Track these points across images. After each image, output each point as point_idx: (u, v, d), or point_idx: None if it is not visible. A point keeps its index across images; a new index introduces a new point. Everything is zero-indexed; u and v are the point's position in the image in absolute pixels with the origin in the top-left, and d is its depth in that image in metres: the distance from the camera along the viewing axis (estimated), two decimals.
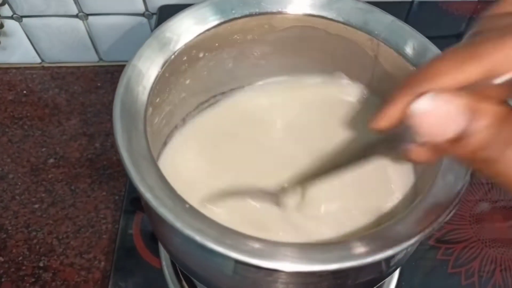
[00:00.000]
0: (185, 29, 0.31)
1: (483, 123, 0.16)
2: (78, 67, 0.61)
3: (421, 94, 0.17)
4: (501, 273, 0.41)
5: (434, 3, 0.57)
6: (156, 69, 0.29)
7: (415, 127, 0.17)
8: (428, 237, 0.42)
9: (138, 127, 0.26)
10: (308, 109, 0.36)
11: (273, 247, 0.23)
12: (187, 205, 0.23)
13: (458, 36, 0.55)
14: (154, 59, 0.29)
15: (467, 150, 0.16)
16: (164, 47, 0.30)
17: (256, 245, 0.23)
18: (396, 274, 0.39)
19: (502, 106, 0.16)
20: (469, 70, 0.16)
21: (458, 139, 0.16)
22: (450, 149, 0.17)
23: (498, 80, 0.16)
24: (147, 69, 0.28)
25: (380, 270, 0.29)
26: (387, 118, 0.18)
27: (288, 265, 0.22)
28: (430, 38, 0.53)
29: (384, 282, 0.39)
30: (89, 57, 0.61)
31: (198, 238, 0.21)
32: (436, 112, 0.16)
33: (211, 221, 0.23)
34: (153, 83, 0.29)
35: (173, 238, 0.26)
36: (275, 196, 0.31)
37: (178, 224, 0.22)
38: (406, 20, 0.58)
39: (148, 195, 0.23)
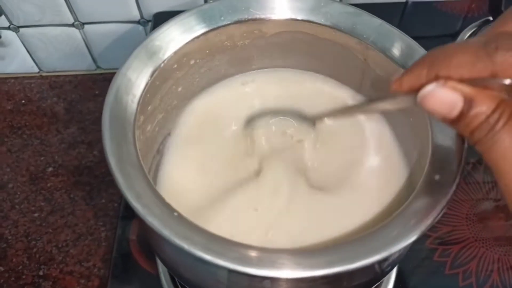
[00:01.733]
0: (174, 37, 0.31)
1: (478, 110, 0.20)
2: (76, 75, 0.62)
3: (434, 77, 0.21)
4: (499, 272, 0.40)
5: (428, 3, 0.57)
6: (145, 78, 0.29)
7: (423, 105, 0.21)
8: (425, 239, 0.42)
9: (127, 136, 0.26)
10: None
11: (262, 253, 0.23)
12: (175, 213, 0.23)
13: (453, 36, 0.55)
14: (143, 68, 0.29)
15: (466, 129, 0.20)
16: (153, 55, 0.30)
17: (245, 252, 0.23)
18: (393, 276, 0.39)
19: (498, 97, 0.20)
20: (481, 69, 0.20)
21: (457, 120, 0.20)
22: (453, 126, 0.21)
23: (506, 82, 0.19)
24: (136, 77, 0.29)
25: (374, 272, 0.29)
26: (402, 84, 0.23)
27: (276, 272, 0.22)
28: (425, 38, 0.53)
29: (381, 285, 0.39)
30: (86, 65, 0.61)
31: (186, 246, 0.22)
32: (440, 96, 0.20)
33: (199, 228, 0.23)
34: (143, 91, 0.29)
35: (163, 245, 0.27)
36: None
37: (166, 232, 0.22)
38: (401, 21, 0.58)
39: (135, 203, 0.23)
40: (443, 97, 0.20)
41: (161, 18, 0.54)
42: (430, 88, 0.20)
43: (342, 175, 0.33)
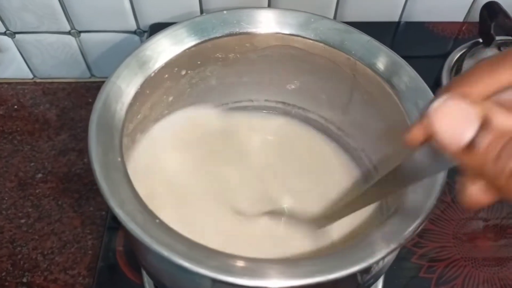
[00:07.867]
0: (165, 47, 0.31)
1: (490, 136, 0.16)
2: (70, 83, 0.62)
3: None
4: None
5: (420, 24, 0.59)
6: (135, 87, 0.29)
7: (431, 126, 0.17)
8: (411, 255, 0.42)
9: (114, 142, 0.26)
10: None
11: (243, 263, 0.23)
12: (157, 220, 0.23)
13: (444, 56, 0.55)
14: (133, 77, 0.29)
15: (476, 162, 0.17)
16: (144, 65, 0.30)
17: (225, 261, 0.23)
18: None
19: None
20: (498, 76, 0.17)
21: (469, 149, 0.16)
22: (463, 159, 0.17)
23: None
24: (126, 86, 0.29)
25: (357, 283, 0.29)
26: (417, 134, 0.19)
27: (258, 281, 0.22)
28: (417, 57, 0.54)
29: None
30: (80, 73, 0.61)
31: (166, 252, 0.22)
32: (448, 113, 0.17)
33: (181, 236, 0.23)
34: (132, 100, 0.29)
35: (145, 253, 0.26)
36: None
37: (146, 239, 0.22)
38: (393, 40, 0.59)
39: (117, 210, 0.23)
40: (457, 109, 0.16)
41: (158, 29, 0.54)
42: (436, 102, 0.17)
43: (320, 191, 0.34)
